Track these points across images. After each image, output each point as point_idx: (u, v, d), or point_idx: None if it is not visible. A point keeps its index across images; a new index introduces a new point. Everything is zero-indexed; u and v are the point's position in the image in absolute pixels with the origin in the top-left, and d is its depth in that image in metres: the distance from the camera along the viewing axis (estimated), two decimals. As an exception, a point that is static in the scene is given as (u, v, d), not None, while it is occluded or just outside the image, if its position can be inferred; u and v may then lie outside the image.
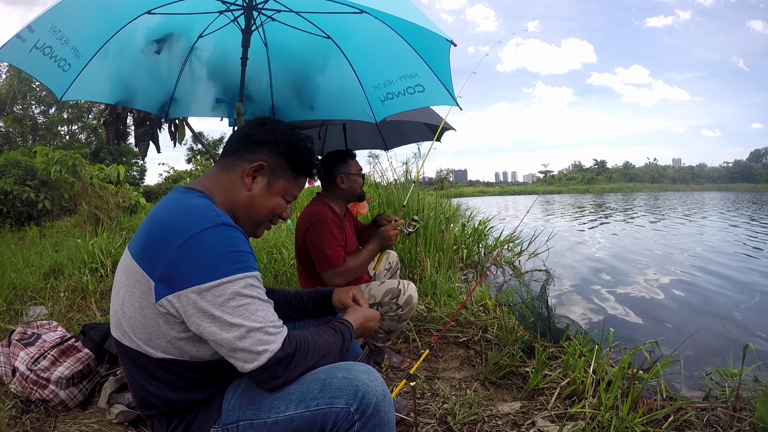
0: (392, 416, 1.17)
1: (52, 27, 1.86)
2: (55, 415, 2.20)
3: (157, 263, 1.08)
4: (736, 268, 6.32)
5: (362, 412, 1.11)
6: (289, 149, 1.35)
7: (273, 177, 1.34)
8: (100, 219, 8.92)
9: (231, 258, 1.08)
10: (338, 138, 3.86)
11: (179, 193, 1.24)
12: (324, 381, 1.14)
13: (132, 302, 1.13)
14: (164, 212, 1.16)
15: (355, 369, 1.17)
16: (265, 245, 5.71)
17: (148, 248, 1.11)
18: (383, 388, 1.16)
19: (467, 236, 6.46)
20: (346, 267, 2.40)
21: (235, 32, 2.45)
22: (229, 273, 1.07)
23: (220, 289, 1.05)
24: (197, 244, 1.07)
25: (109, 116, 4.97)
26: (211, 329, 1.06)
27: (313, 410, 1.11)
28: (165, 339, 1.13)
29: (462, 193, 49.40)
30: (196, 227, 1.08)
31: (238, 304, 1.07)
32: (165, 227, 1.11)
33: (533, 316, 2.90)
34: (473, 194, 58.66)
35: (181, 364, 1.17)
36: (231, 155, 1.34)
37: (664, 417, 2.06)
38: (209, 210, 1.15)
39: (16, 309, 3.58)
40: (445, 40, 1.93)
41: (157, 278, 1.08)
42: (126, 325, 1.15)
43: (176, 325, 1.12)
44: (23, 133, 24.95)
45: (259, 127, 1.36)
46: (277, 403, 1.13)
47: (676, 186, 77.71)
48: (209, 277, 1.05)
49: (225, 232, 1.11)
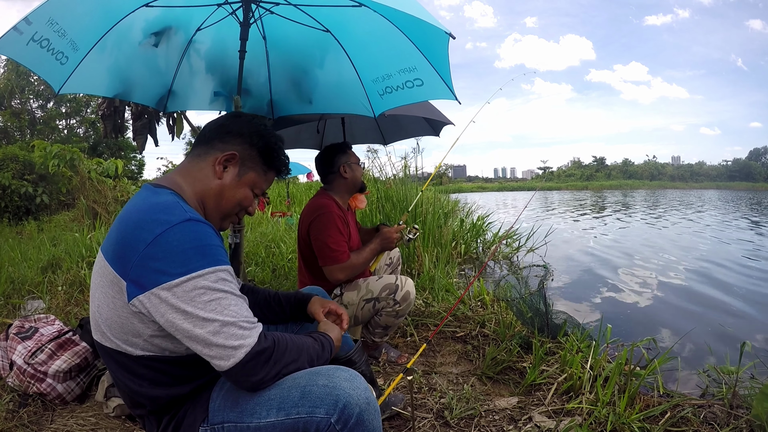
0: (378, 423, 1.15)
1: (49, 19, 1.85)
2: (53, 408, 2.20)
3: (127, 263, 1.07)
4: (736, 266, 6.33)
5: (344, 422, 1.09)
6: (262, 142, 1.35)
7: (244, 168, 1.33)
8: (98, 213, 8.91)
9: (200, 252, 1.07)
10: (337, 132, 3.85)
11: (147, 191, 1.23)
12: (304, 388, 1.11)
13: (107, 303, 1.12)
14: (132, 211, 1.15)
15: (336, 376, 1.13)
16: (263, 239, 5.71)
17: (119, 249, 1.10)
18: (366, 395, 1.13)
19: (465, 231, 6.47)
20: (349, 262, 2.40)
21: (233, 25, 2.44)
22: (198, 267, 1.05)
23: (190, 284, 1.04)
24: (165, 241, 1.05)
25: (107, 109, 4.95)
26: (184, 326, 1.04)
27: (293, 418, 1.09)
28: (142, 337, 1.12)
29: (461, 188, 49.44)
30: (163, 225, 1.07)
31: (210, 299, 1.05)
32: (133, 227, 1.10)
33: (531, 312, 2.90)
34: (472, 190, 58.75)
35: (162, 359, 1.16)
36: (203, 144, 1.34)
37: (660, 413, 2.07)
38: (176, 207, 1.13)
39: (13, 303, 3.58)
40: (444, 32, 1.91)
41: (129, 278, 1.07)
42: (104, 326, 1.15)
43: (150, 324, 1.10)
44: (21, 127, 24.86)
45: (234, 119, 1.37)
46: (259, 409, 1.12)
47: (675, 184, 77.74)
48: (178, 273, 1.04)
49: (192, 227, 1.09)
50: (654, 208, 19.91)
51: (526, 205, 3.79)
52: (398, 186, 5.83)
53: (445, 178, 37.25)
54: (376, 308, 2.47)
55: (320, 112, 3.00)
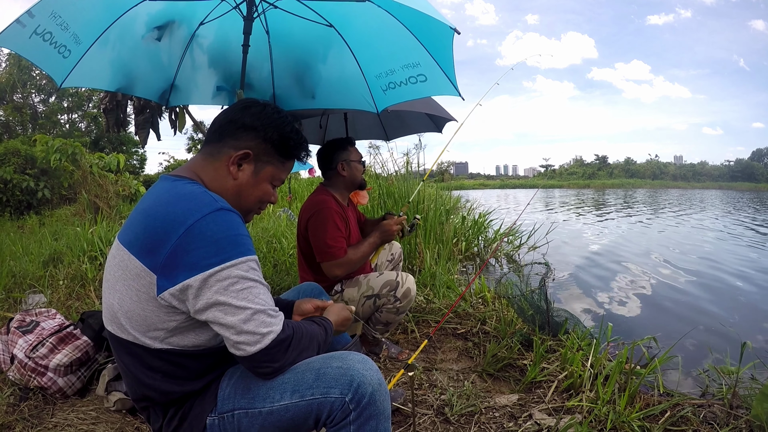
0: (388, 405, 1.17)
1: (52, 12, 1.84)
2: (53, 402, 2.20)
3: (158, 256, 1.07)
4: (737, 265, 6.31)
5: (357, 401, 1.11)
6: (276, 134, 1.30)
7: (260, 164, 1.29)
8: (100, 207, 8.93)
9: (233, 242, 1.08)
10: (339, 127, 3.84)
11: (169, 182, 1.21)
12: (319, 370, 1.14)
13: (130, 296, 1.12)
14: (159, 204, 1.14)
15: (350, 358, 1.16)
16: (265, 234, 5.71)
17: (147, 242, 1.09)
18: (378, 377, 1.16)
19: (467, 228, 6.46)
20: (346, 258, 2.40)
21: (236, 19, 2.43)
22: (231, 257, 1.06)
23: (224, 273, 1.05)
24: (198, 231, 1.06)
25: (110, 103, 4.96)
26: (217, 314, 1.06)
27: (307, 400, 1.11)
28: (164, 330, 1.13)
29: (462, 185, 49.40)
30: (195, 215, 1.07)
31: (242, 287, 1.07)
32: (162, 219, 1.09)
33: (532, 309, 2.90)
34: (474, 187, 58.66)
35: (179, 353, 1.16)
36: (215, 142, 1.29)
37: (660, 412, 2.07)
38: (205, 196, 1.13)
39: (15, 297, 3.58)
40: (448, 27, 1.91)
41: (160, 271, 1.07)
42: (123, 319, 1.14)
43: (177, 316, 1.11)
44: (23, 121, 24.86)
45: (244, 111, 1.30)
46: (272, 393, 1.13)
47: (677, 183, 77.50)
48: (213, 263, 1.05)
49: (224, 216, 1.10)
50: (656, 207, 19.87)
51: (528, 202, 3.79)
52: (400, 182, 5.82)
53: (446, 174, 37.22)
54: (376, 305, 2.47)
55: (323, 107, 2.99)
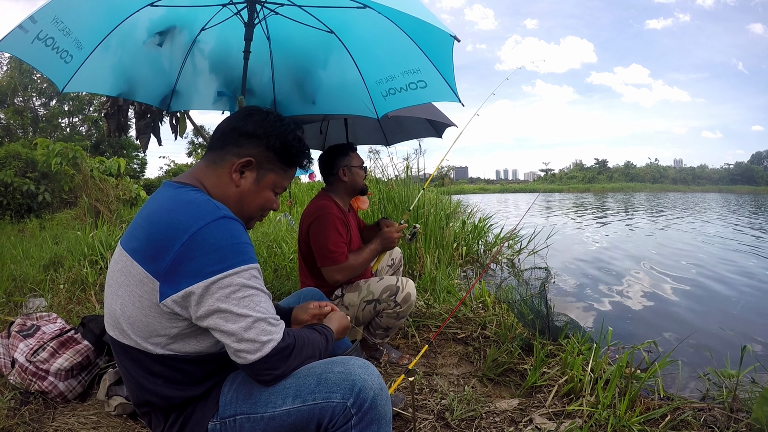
0: (389, 410, 1.18)
1: (54, 18, 1.85)
2: (54, 406, 2.20)
3: (161, 263, 1.08)
4: (736, 270, 6.31)
5: (359, 406, 1.12)
6: (279, 142, 1.30)
7: (262, 171, 1.30)
8: (101, 211, 8.93)
9: (235, 250, 1.09)
10: (340, 133, 3.86)
11: (173, 188, 1.21)
12: (320, 375, 1.14)
13: (133, 302, 1.12)
14: (162, 210, 1.14)
15: (352, 363, 1.17)
16: (265, 239, 5.71)
17: (150, 248, 1.10)
18: (380, 382, 1.16)
19: (467, 233, 6.46)
20: (347, 264, 2.40)
21: (237, 25, 2.44)
22: (234, 265, 1.07)
23: (227, 281, 1.06)
24: (201, 239, 1.07)
25: (111, 108, 4.97)
26: (218, 322, 1.06)
27: (309, 404, 1.12)
28: (166, 336, 1.13)
29: (462, 190, 49.40)
30: (199, 222, 1.08)
31: (244, 295, 1.07)
32: (165, 226, 1.10)
33: (532, 314, 2.90)
34: (474, 191, 58.68)
35: (181, 359, 1.17)
36: (218, 149, 1.29)
37: (661, 416, 2.07)
38: (208, 204, 1.14)
39: (15, 301, 3.58)
40: (448, 35, 1.92)
41: (162, 278, 1.08)
42: (125, 324, 1.15)
43: (179, 323, 1.12)
44: (24, 125, 24.90)
45: (247, 119, 1.31)
46: (274, 398, 1.14)
47: (677, 187, 77.53)
48: (216, 271, 1.06)
49: (227, 224, 1.11)
50: (656, 211, 19.87)
51: (529, 207, 3.80)
52: (400, 187, 5.84)
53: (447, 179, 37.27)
54: (376, 309, 2.47)
55: (323, 112, 3.01)
